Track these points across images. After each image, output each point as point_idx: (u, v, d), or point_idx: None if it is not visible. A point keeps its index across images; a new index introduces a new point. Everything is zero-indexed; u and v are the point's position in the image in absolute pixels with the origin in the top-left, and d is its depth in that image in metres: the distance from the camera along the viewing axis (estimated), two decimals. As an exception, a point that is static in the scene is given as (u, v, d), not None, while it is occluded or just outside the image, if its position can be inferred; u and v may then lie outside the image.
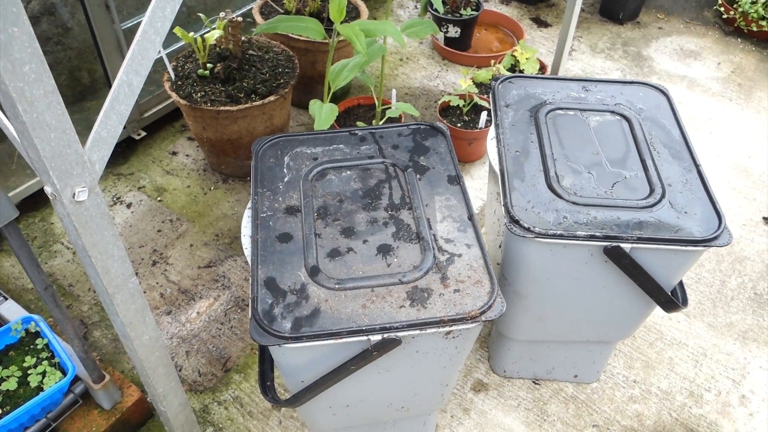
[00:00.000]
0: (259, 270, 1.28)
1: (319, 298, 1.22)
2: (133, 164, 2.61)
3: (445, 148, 1.54)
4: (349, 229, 1.35)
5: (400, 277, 1.25)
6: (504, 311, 1.22)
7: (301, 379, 1.30)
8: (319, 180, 1.46)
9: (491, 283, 1.25)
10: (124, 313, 1.28)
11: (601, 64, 3.20)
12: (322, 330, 1.17)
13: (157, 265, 2.24)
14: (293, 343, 1.17)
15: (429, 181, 1.46)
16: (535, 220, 1.38)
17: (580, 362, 1.86)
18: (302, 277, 1.26)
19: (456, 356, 1.33)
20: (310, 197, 1.42)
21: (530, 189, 1.46)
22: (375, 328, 1.18)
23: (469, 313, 1.20)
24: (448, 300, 1.22)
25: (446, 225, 1.36)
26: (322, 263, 1.29)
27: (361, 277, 1.26)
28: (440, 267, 1.28)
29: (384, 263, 1.29)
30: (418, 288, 1.24)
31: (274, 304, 1.22)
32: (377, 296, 1.23)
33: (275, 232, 1.35)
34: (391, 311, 1.20)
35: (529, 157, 1.54)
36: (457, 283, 1.25)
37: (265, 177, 1.47)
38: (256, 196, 1.42)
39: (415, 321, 1.18)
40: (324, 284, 1.24)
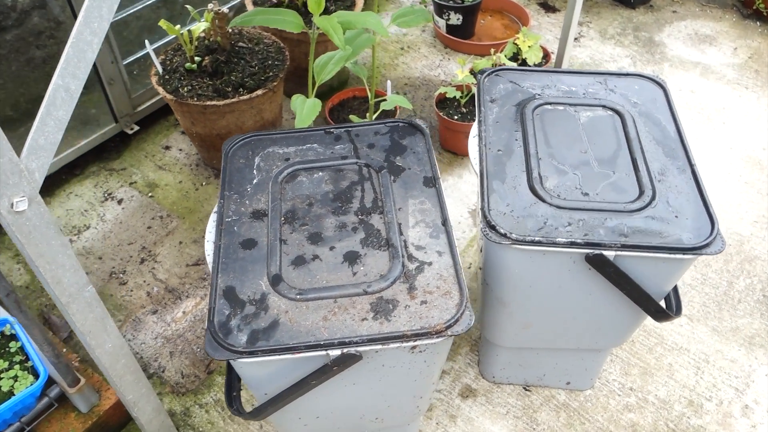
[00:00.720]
0: (219, 279, 1.22)
1: (279, 310, 1.17)
2: (126, 159, 2.57)
3: (423, 148, 1.46)
4: (317, 235, 1.29)
5: (365, 287, 1.19)
6: (471, 325, 1.15)
7: (264, 391, 1.25)
8: (290, 182, 1.40)
9: (460, 295, 1.18)
10: (81, 323, 1.24)
11: (611, 51, 3.08)
12: (279, 344, 1.11)
13: (146, 263, 2.20)
14: (248, 357, 1.11)
15: (404, 182, 1.39)
16: (512, 226, 1.31)
17: (572, 369, 1.78)
18: (263, 287, 1.21)
19: (426, 370, 1.27)
20: (279, 200, 1.36)
21: (510, 191, 1.38)
22: (334, 342, 1.12)
23: (434, 327, 1.13)
24: (414, 312, 1.16)
25: (418, 231, 1.29)
26: (286, 272, 1.23)
27: (324, 287, 1.20)
28: (408, 276, 1.21)
29: (350, 272, 1.23)
30: (383, 299, 1.18)
31: (231, 315, 1.16)
32: (340, 308, 1.17)
33: (239, 238, 1.29)
34: (352, 324, 1.14)
35: (511, 157, 1.46)
36: (425, 294, 1.19)
37: (233, 179, 1.41)
38: (223, 199, 1.37)
39: (376, 335, 1.12)
40: (285, 294, 1.19)
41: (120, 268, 2.19)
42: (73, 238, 2.28)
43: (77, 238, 2.28)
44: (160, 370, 1.92)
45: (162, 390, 1.87)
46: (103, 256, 2.23)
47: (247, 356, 1.11)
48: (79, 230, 2.31)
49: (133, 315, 2.06)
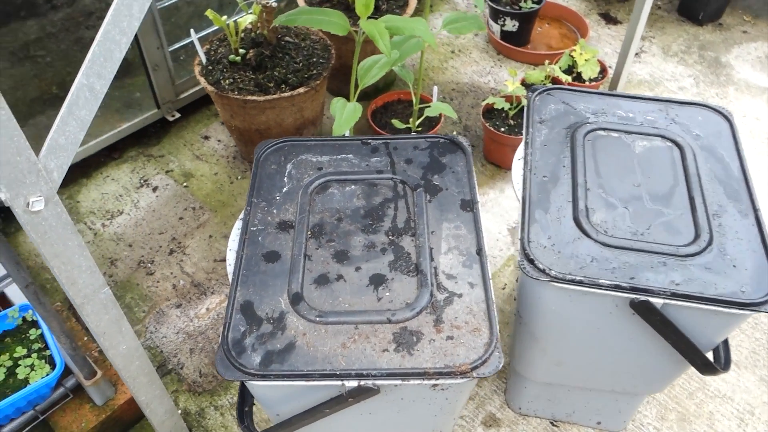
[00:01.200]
0: (237, 292, 1.17)
1: (296, 331, 1.11)
2: (165, 146, 2.56)
3: (464, 168, 1.38)
4: (343, 253, 1.23)
5: (389, 315, 1.12)
6: (499, 368, 1.07)
7: (276, 412, 1.20)
8: (320, 193, 1.34)
9: (490, 333, 1.10)
10: (96, 324, 1.20)
11: (672, 69, 2.93)
12: (293, 370, 1.05)
13: (174, 254, 2.18)
14: (259, 380, 1.06)
15: (440, 204, 1.31)
16: (553, 261, 1.22)
17: (604, 409, 1.68)
18: (282, 305, 1.15)
19: (447, 407, 1.19)
20: (307, 212, 1.29)
21: (554, 223, 1.29)
22: (350, 373, 1.05)
23: (459, 367, 1.05)
24: (439, 348, 1.08)
25: (450, 258, 1.21)
26: (307, 290, 1.17)
27: (346, 310, 1.13)
28: (436, 307, 1.14)
29: (374, 296, 1.16)
30: (408, 330, 1.11)
31: (247, 332, 1.11)
32: (360, 335, 1.10)
33: (263, 249, 1.24)
34: (372, 355, 1.07)
35: (557, 185, 1.36)
36: (452, 328, 1.11)
37: (263, 185, 1.36)
38: (250, 206, 1.31)
39: (396, 370, 1.05)
40: (304, 315, 1.13)
41: (149, 257, 2.17)
42: (106, 222, 2.27)
43: (110, 223, 2.27)
44: (179, 366, 1.89)
45: (179, 387, 1.84)
46: (134, 243, 2.21)
47: (260, 379, 1.05)
48: (112, 215, 2.30)
49: (158, 307, 2.03)
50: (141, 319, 2.00)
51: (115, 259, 2.16)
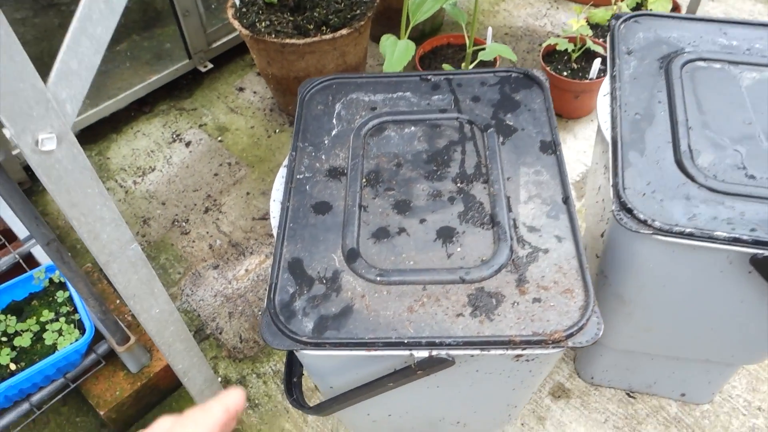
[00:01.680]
0: (284, 248, 1.01)
1: (354, 293, 0.94)
2: (197, 99, 2.40)
3: (542, 105, 1.18)
4: (405, 203, 1.05)
5: (462, 274, 0.95)
6: (600, 336, 0.89)
7: (330, 384, 1.05)
8: (375, 136, 1.16)
9: (585, 295, 0.92)
10: (124, 285, 1.06)
11: (750, 8, 2.64)
12: (352, 337, 0.89)
13: (210, 213, 2.04)
14: (313, 349, 0.90)
15: (515, 146, 1.12)
16: (655, 211, 1.02)
17: (690, 380, 1.49)
18: (336, 262, 0.98)
19: (530, 380, 1.02)
20: (361, 157, 1.12)
21: (652, 166, 1.09)
22: (420, 342, 0.88)
23: (551, 335, 0.88)
24: (524, 312, 0.91)
25: (532, 208, 1.03)
26: (364, 246, 1.00)
27: (411, 268, 0.96)
28: (518, 265, 0.96)
29: (443, 252, 0.98)
30: (485, 291, 0.93)
31: (296, 294, 0.95)
32: (430, 297, 0.93)
33: (311, 200, 1.07)
34: (444, 320, 0.90)
35: (653, 123, 1.16)
36: (539, 289, 0.93)
37: (309, 128, 1.18)
38: (295, 151, 1.14)
39: (474, 338, 0.88)
40: (363, 274, 0.96)
41: (183, 216, 2.03)
42: (138, 179, 2.14)
43: (141, 180, 2.14)
44: (218, 331, 1.76)
45: (218, 354, 1.72)
46: (167, 201, 2.07)
47: (313, 348, 0.90)
48: (144, 172, 2.16)
49: (194, 268, 1.90)
50: (176, 281, 1.87)
51: (148, 218, 2.03)
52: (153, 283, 1.11)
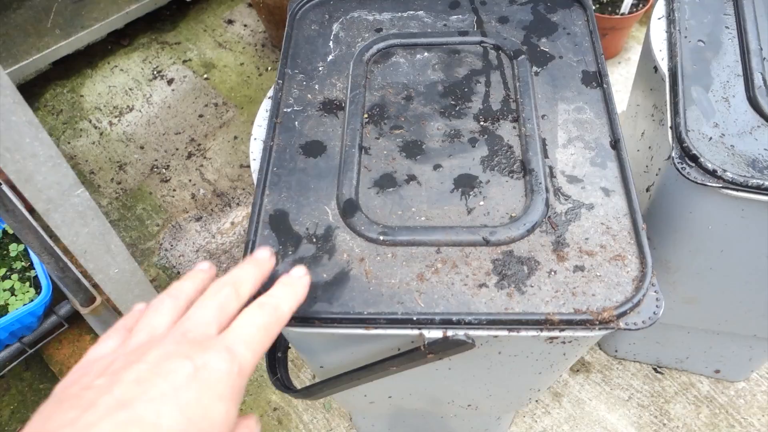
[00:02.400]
0: (265, 197, 0.82)
1: (350, 255, 0.75)
2: (182, 32, 2.17)
3: (584, 28, 0.97)
4: (415, 145, 0.85)
5: (486, 234, 0.76)
6: (659, 316, 0.70)
7: (321, 364, 0.87)
8: (380, 63, 0.95)
9: (641, 263, 0.73)
10: (70, 239, 0.87)
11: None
12: (347, 312, 0.71)
13: (193, 159, 1.84)
14: (298, 326, 0.72)
15: (551, 77, 0.91)
16: (725, 159, 0.83)
17: (729, 356, 1.33)
18: (329, 216, 0.79)
19: (562, 363, 0.85)
20: (362, 88, 0.91)
21: (720, 104, 0.89)
22: (433, 319, 0.70)
23: (599, 313, 0.69)
24: (563, 283, 0.72)
25: (572, 153, 0.83)
26: (365, 197, 0.80)
27: (422, 226, 0.77)
28: (555, 224, 0.77)
29: (463, 206, 0.79)
30: (514, 256, 0.74)
31: (279, 255, 0.76)
32: (445, 262, 0.74)
33: (301, 139, 0.87)
34: (463, 292, 0.72)
35: (719, 52, 0.95)
36: (582, 254, 0.74)
37: (299, 52, 0.97)
38: (282, 79, 0.94)
39: (501, 315, 0.69)
40: (362, 232, 0.77)
41: (163, 161, 1.83)
42: (114, 120, 1.93)
43: (118, 121, 1.92)
44: (200, 290, 1.58)
45: (199, 315, 1.54)
46: (146, 145, 1.87)
47: (299, 324, 0.71)
48: (120, 112, 1.95)
49: (174, 220, 1.71)
50: (154, 234, 1.68)
51: (124, 164, 1.83)
52: (108, 237, 0.92)
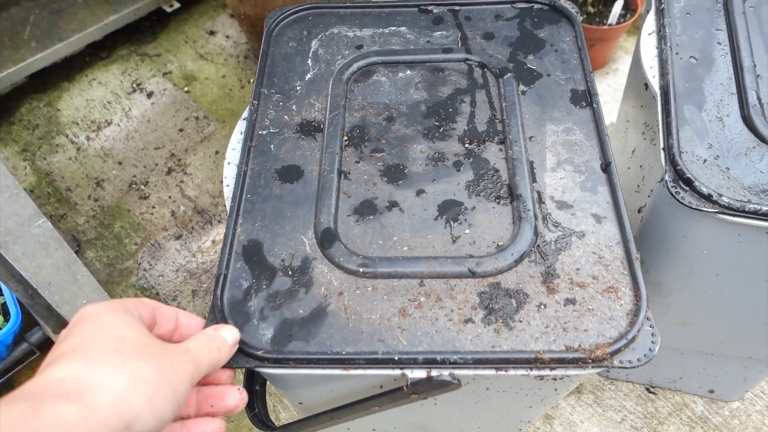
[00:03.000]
0: (238, 226, 0.77)
1: (329, 288, 0.71)
2: (162, 43, 2.12)
3: (572, 44, 0.94)
4: (397, 168, 0.81)
5: (472, 265, 0.72)
6: (655, 353, 0.66)
7: (299, 400, 0.83)
8: (361, 82, 0.91)
9: (635, 295, 0.69)
10: (32, 272, 0.82)
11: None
12: (325, 352, 0.66)
13: (173, 174, 1.79)
14: (273, 367, 0.67)
15: (539, 96, 0.88)
16: (720, 182, 0.79)
17: (723, 377, 1.29)
18: (306, 247, 0.75)
19: (552, 398, 0.81)
20: (342, 108, 0.87)
21: (714, 124, 0.85)
22: (416, 359, 0.66)
23: (591, 351, 0.65)
24: (554, 318, 0.68)
25: (561, 177, 0.80)
26: (344, 225, 0.76)
27: (405, 256, 0.73)
28: (544, 253, 0.73)
29: (447, 235, 0.75)
30: (502, 288, 0.70)
31: (252, 289, 0.72)
32: (429, 296, 0.70)
33: (276, 163, 0.83)
34: (448, 328, 0.68)
35: (712, 69, 0.92)
36: (573, 286, 0.70)
37: (276, 71, 0.93)
38: (257, 100, 0.90)
39: (488, 353, 0.65)
40: (341, 263, 0.73)
41: (142, 177, 1.78)
42: (91, 135, 1.88)
43: (96, 136, 1.87)
44: (179, 311, 1.53)
45: (179, 338, 1.49)
46: (124, 161, 1.82)
47: (272, 365, 0.67)
48: (98, 126, 1.90)
49: (153, 238, 1.66)
50: (133, 253, 1.63)
51: (102, 180, 1.78)
52: (75, 268, 0.87)
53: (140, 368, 0.49)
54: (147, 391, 0.48)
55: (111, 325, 0.52)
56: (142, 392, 0.47)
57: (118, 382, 0.47)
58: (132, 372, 0.48)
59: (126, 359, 0.49)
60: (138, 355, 0.50)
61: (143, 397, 0.47)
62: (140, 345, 0.51)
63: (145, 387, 0.48)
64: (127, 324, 0.53)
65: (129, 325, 0.53)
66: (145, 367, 0.49)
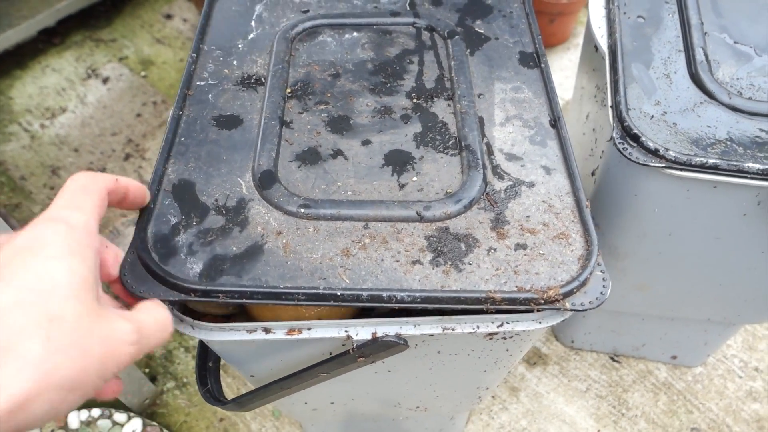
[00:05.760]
0: (169, 166, 0.74)
1: (266, 229, 0.67)
2: (117, 28, 2.07)
3: (520, 10, 0.93)
4: (342, 119, 0.79)
5: (420, 209, 0.69)
6: (606, 297, 0.66)
7: (250, 372, 0.81)
8: (306, 42, 0.89)
9: (586, 241, 0.68)
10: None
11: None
12: (260, 286, 0.62)
13: (131, 160, 1.75)
14: (200, 298, 0.62)
15: (488, 57, 0.87)
16: (667, 137, 0.79)
17: (684, 341, 1.30)
18: (243, 188, 0.71)
19: (506, 359, 0.80)
20: (286, 63, 0.85)
21: (661, 81, 0.85)
22: (361, 295, 0.62)
23: (544, 292, 0.64)
24: (504, 261, 0.66)
25: (510, 131, 0.78)
26: (285, 170, 0.73)
27: (349, 200, 0.71)
28: (494, 200, 0.71)
29: (394, 182, 0.73)
30: (450, 233, 0.68)
31: (180, 226, 0.67)
32: (374, 238, 0.67)
33: (215, 111, 0.79)
34: (395, 269, 0.65)
35: (660, 27, 0.92)
36: (524, 232, 0.69)
37: (217, 30, 0.90)
38: (196, 53, 0.86)
39: (438, 293, 0.63)
40: (280, 204, 0.69)
41: (99, 164, 1.74)
42: (45, 122, 1.83)
43: (50, 123, 1.83)
44: (139, 298, 1.50)
45: (139, 324, 1.46)
46: (80, 147, 1.77)
47: (201, 297, 0.62)
48: (53, 113, 1.85)
49: (111, 225, 1.62)
50: (90, 240, 1.59)
51: (58, 168, 1.73)
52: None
53: (59, 370, 0.41)
54: (54, 400, 0.41)
55: (61, 278, 0.44)
56: (48, 401, 0.40)
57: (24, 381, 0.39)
58: (47, 374, 0.40)
59: (49, 355, 0.41)
60: (65, 353, 0.41)
61: (49, 405, 0.41)
62: (75, 335, 0.42)
63: (54, 396, 0.41)
64: (78, 288, 0.44)
65: (78, 293, 0.44)
66: (67, 373, 0.41)
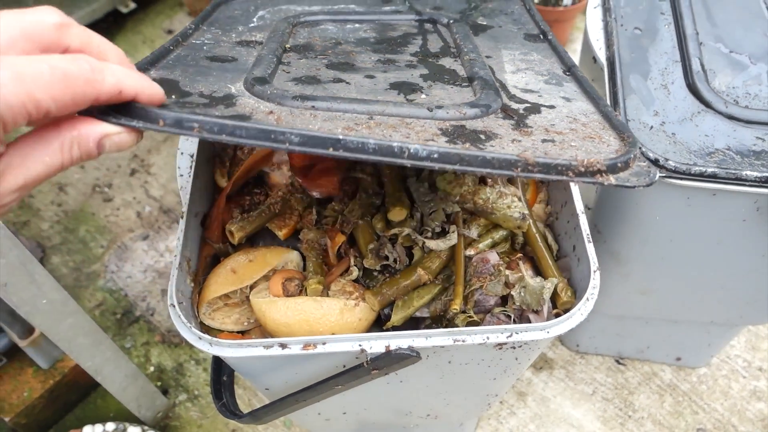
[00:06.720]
0: (153, 71, 0.65)
1: (254, 109, 0.59)
2: (120, 44, 2.09)
3: (521, 9, 0.95)
4: (345, 65, 0.75)
5: (429, 106, 0.63)
6: (656, 179, 0.59)
7: (265, 385, 0.83)
8: (307, 27, 0.88)
9: (623, 141, 0.62)
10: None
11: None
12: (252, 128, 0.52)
13: (137, 175, 1.77)
14: (170, 128, 0.50)
15: (492, 37, 0.86)
16: (667, 147, 0.81)
17: (688, 343, 1.32)
18: (232, 89, 0.64)
19: (514, 368, 0.82)
20: (285, 35, 0.82)
21: (659, 92, 0.87)
22: (367, 143, 0.53)
23: (584, 160, 0.56)
24: (532, 149, 0.58)
25: (523, 77, 0.76)
26: (279, 81, 0.68)
27: (352, 98, 0.64)
28: (511, 112, 0.66)
29: (402, 98, 0.67)
30: (466, 128, 0.61)
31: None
32: (380, 125, 0.59)
33: (209, 53, 0.74)
34: (405, 140, 0.55)
35: (656, 39, 0.94)
36: (548, 132, 0.63)
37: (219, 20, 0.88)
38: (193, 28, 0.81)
39: (459, 149, 0.54)
40: (271, 97, 0.62)
41: (105, 180, 1.76)
42: (51, 140, 1.85)
43: (56, 141, 1.84)
44: (149, 312, 1.52)
45: (150, 339, 1.48)
46: (86, 164, 1.79)
47: (171, 126, 0.50)
48: (58, 131, 1.87)
49: (119, 240, 1.64)
50: (99, 256, 1.61)
51: (64, 184, 1.75)
52: (31, 267, 0.86)
53: None
54: None
55: None
56: None
57: None
58: None
59: None
60: None
61: None
62: None
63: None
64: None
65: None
66: None
